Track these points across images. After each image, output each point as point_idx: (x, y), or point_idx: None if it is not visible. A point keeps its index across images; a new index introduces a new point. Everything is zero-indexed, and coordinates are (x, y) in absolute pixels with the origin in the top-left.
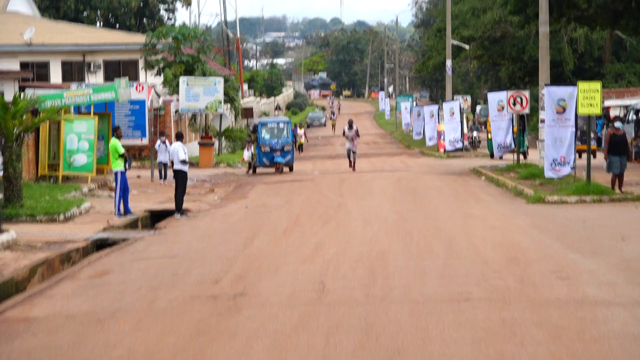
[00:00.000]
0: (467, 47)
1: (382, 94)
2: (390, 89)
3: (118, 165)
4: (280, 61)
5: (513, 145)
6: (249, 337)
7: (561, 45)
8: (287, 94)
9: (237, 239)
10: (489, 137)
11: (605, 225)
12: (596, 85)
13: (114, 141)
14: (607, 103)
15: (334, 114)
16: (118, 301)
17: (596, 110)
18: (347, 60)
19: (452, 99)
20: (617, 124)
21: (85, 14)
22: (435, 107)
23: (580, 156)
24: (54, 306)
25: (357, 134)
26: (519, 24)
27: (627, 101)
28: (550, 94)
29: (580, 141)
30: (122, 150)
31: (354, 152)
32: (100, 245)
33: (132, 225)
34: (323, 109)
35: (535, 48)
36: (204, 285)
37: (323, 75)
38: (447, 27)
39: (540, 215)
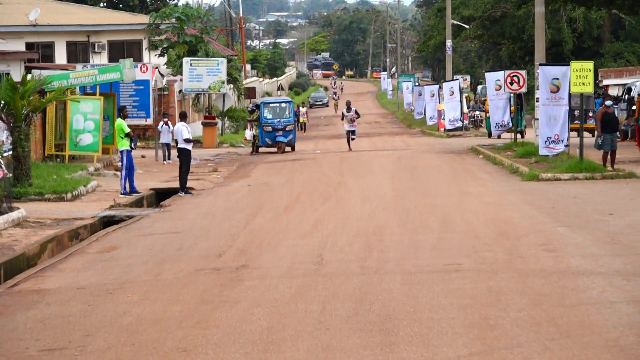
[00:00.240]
0: (467, 26)
1: (384, 74)
2: (394, 69)
3: (124, 145)
4: (283, 41)
5: (511, 124)
6: (250, 305)
7: (560, 24)
8: (290, 74)
9: (240, 216)
10: (487, 116)
11: (595, 201)
12: (588, 64)
13: (119, 121)
14: (606, 82)
15: (336, 94)
16: (126, 274)
17: (588, 89)
18: (349, 40)
19: (452, 79)
20: (608, 102)
21: None
22: (435, 87)
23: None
24: (65, 279)
25: (356, 113)
26: (516, 3)
27: (625, 80)
28: (545, 73)
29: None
30: (127, 130)
31: (353, 133)
32: (107, 222)
33: (138, 203)
34: (326, 89)
35: (534, 27)
36: (207, 259)
37: (326, 55)
38: (447, 6)
39: (533, 192)
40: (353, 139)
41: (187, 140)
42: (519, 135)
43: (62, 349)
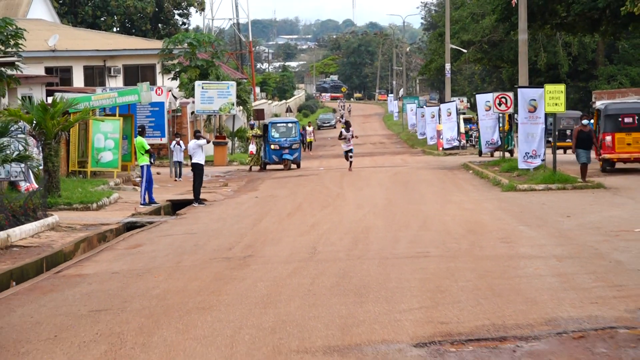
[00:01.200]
0: (465, 51)
1: (390, 97)
2: (401, 91)
3: (144, 160)
4: (292, 64)
5: (500, 143)
6: (254, 281)
7: (556, 48)
8: (298, 96)
9: (248, 221)
10: (478, 135)
11: (560, 206)
12: (560, 87)
13: (139, 139)
14: (599, 103)
15: (342, 117)
16: (151, 263)
17: (560, 109)
18: (358, 63)
19: (450, 101)
20: (585, 122)
21: (102, 19)
22: (436, 109)
23: (565, 152)
24: (101, 267)
25: (353, 135)
26: (504, 30)
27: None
28: (523, 94)
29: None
30: (147, 147)
31: (350, 152)
32: (130, 227)
33: (156, 212)
34: (334, 111)
35: (532, 51)
36: (219, 252)
37: (334, 77)
38: (446, 31)
39: (508, 200)
40: (351, 157)
41: (199, 140)
42: (507, 154)
43: (106, 310)
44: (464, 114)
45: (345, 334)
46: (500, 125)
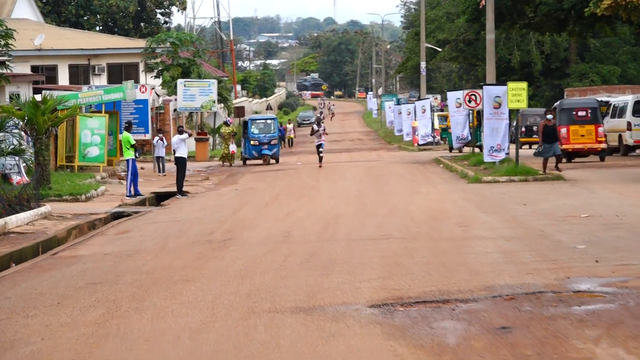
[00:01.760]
0: (440, 49)
1: (370, 94)
2: (381, 89)
3: (129, 154)
4: (273, 62)
5: (470, 138)
6: (233, 259)
7: (529, 47)
8: (279, 94)
9: (227, 210)
10: (449, 131)
11: (518, 196)
12: (522, 84)
13: (126, 134)
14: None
15: (321, 114)
16: (139, 245)
17: (522, 105)
18: (338, 61)
19: (425, 98)
20: (549, 116)
21: (85, 18)
22: (412, 106)
23: (530, 147)
24: (93, 249)
25: (324, 131)
26: (474, 30)
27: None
28: (488, 92)
29: (528, 134)
30: (133, 141)
31: (321, 146)
32: (117, 216)
33: (141, 203)
34: (314, 108)
35: (506, 50)
36: (201, 236)
37: (315, 75)
38: (421, 30)
39: (472, 191)
40: (321, 152)
41: (182, 135)
42: (477, 149)
43: (101, 282)
44: (441, 111)
45: (310, 298)
46: (470, 121)
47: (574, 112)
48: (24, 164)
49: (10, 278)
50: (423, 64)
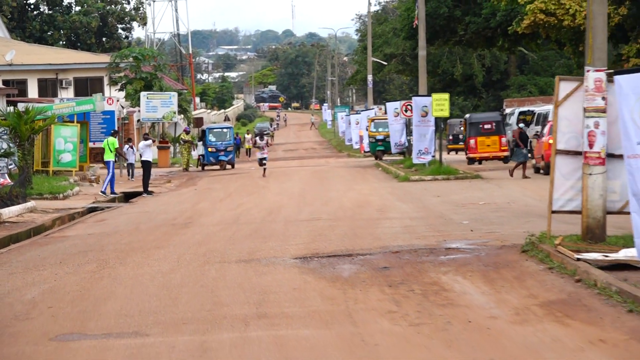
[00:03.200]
0: (386, 63)
1: (325, 106)
2: (338, 100)
3: (111, 157)
4: (232, 74)
5: (406, 144)
6: (192, 234)
7: (471, 60)
8: (237, 106)
9: (188, 204)
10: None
11: (436, 190)
12: (445, 95)
13: (112, 139)
14: (508, 110)
15: (277, 125)
16: (116, 228)
17: (445, 114)
18: (295, 73)
19: (371, 108)
20: (521, 125)
21: (49, 33)
22: (360, 116)
23: (456, 153)
24: (78, 232)
25: (267, 144)
26: (410, 46)
27: (526, 108)
28: (416, 102)
29: (454, 142)
30: (117, 145)
31: (264, 159)
32: (92, 210)
33: (112, 200)
34: (272, 120)
35: (449, 63)
36: (167, 221)
37: (273, 87)
38: (368, 45)
39: (399, 188)
40: (265, 164)
41: (147, 141)
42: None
43: (90, 250)
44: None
45: (250, 255)
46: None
47: (481, 125)
48: (12, 166)
49: (16, 250)
50: (370, 77)
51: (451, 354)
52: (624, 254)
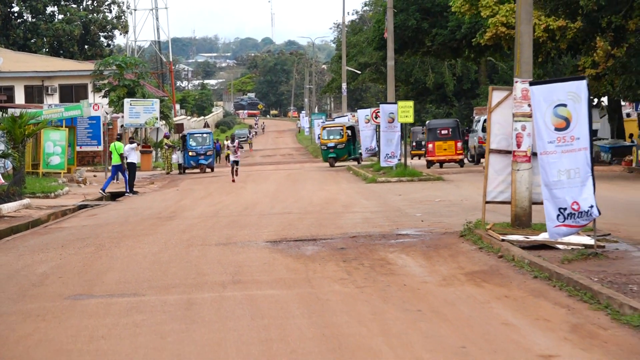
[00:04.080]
0: (359, 72)
1: (302, 113)
2: (316, 108)
3: (118, 161)
4: (211, 82)
5: (377, 149)
6: (177, 224)
7: (442, 69)
8: (216, 113)
9: (171, 201)
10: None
11: (399, 190)
12: (409, 103)
13: (118, 144)
14: (477, 118)
15: (256, 133)
16: (107, 221)
17: (410, 120)
18: (274, 81)
19: (344, 115)
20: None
21: (32, 41)
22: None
23: (419, 158)
24: (73, 223)
25: (239, 146)
26: (380, 57)
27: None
28: (384, 109)
29: (417, 148)
30: (122, 151)
31: (237, 163)
32: (82, 208)
33: (100, 199)
34: (251, 127)
35: (421, 72)
36: (153, 215)
37: (252, 95)
38: (342, 55)
39: (366, 188)
40: (237, 169)
41: (132, 149)
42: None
43: (87, 237)
44: None
45: (228, 239)
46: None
47: (439, 131)
48: (6, 167)
49: (20, 238)
50: (344, 85)
51: (386, 306)
52: (542, 237)
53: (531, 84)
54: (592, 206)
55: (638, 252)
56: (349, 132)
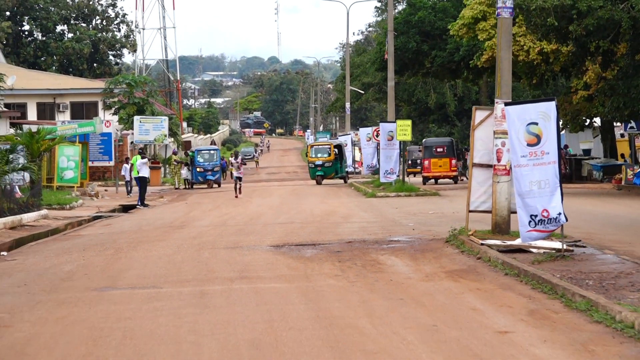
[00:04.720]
0: (363, 92)
1: (308, 132)
2: (321, 127)
3: (136, 174)
4: (217, 100)
5: (378, 166)
6: (188, 232)
7: (444, 90)
8: (223, 131)
9: (181, 213)
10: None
11: (397, 204)
12: (407, 122)
13: (139, 157)
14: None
15: (262, 151)
16: (122, 229)
17: (407, 138)
18: (280, 100)
19: (347, 134)
20: None
21: (42, 59)
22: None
23: (414, 175)
24: (90, 232)
25: (242, 162)
26: (382, 77)
27: None
28: (383, 127)
29: (413, 166)
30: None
31: (240, 179)
32: (96, 219)
33: (112, 211)
34: (256, 145)
35: (423, 92)
36: (164, 224)
37: (258, 114)
38: (346, 75)
39: (365, 202)
40: (240, 185)
41: (144, 164)
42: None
43: (105, 243)
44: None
45: (235, 244)
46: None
47: (434, 149)
48: (28, 180)
49: (42, 244)
50: (348, 105)
51: (373, 296)
52: (518, 242)
53: (506, 104)
54: (560, 213)
55: (602, 255)
56: (336, 150)
